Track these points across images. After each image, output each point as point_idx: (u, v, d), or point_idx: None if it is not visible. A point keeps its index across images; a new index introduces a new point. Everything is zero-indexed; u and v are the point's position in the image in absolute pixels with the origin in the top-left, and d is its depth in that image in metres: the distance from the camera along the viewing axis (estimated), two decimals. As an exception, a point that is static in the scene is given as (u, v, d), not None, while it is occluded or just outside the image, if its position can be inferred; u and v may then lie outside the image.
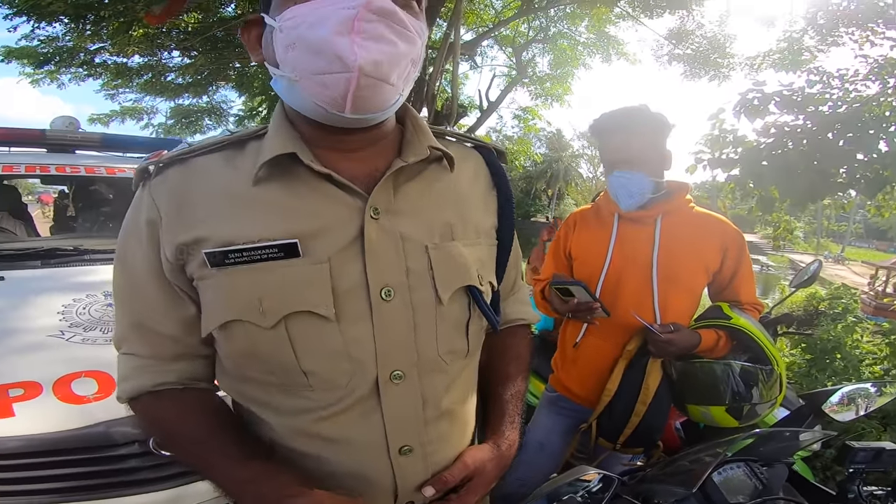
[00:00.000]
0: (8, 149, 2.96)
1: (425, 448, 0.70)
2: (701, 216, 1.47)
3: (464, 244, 0.70)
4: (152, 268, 0.66)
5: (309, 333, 0.62)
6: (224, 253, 0.61)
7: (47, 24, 6.95)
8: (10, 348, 1.47)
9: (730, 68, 8.61)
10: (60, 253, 2.03)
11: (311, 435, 0.66)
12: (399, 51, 0.58)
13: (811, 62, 4.77)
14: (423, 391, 0.68)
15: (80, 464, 1.23)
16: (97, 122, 11.32)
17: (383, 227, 0.64)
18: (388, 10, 0.56)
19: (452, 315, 0.69)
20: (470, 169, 0.76)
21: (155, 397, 0.68)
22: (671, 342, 1.35)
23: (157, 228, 0.65)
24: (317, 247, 0.62)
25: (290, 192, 0.64)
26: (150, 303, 0.67)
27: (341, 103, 0.58)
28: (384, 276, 0.64)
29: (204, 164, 0.67)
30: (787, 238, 4.90)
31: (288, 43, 0.59)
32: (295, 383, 0.64)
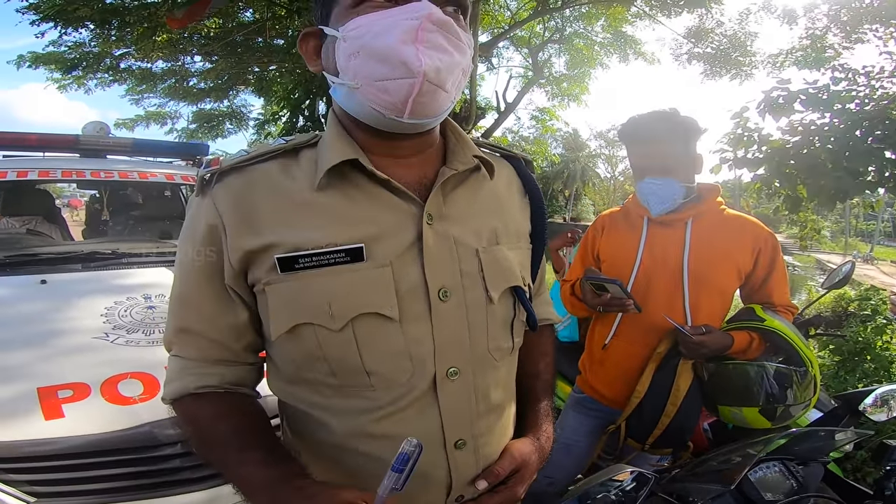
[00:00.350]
0: (42, 154, 3.08)
1: (477, 441, 0.72)
2: (733, 218, 1.47)
3: (508, 248, 0.74)
4: (207, 273, 0.68)
5: (373, 334, 0.65)
6: (294, 258, 0.64)
7: (74, 29, 7.12)
8: (57, 350, 1.53)
9: (752, 66, 8.47)
10: (99, 256, 2.10)
11: (370, 435, 0.68)
12: (454, 60, 0.62)
13: (835, 59, 4.69)
14: (476, 386, 0.71)
15: (127, 464, 1.27)
16: (123, 126, 11.61)
17: (437, 232, 0.68)
18: (446, 22, 0.61)
19: (501, 313, 0.73)
20: (504, 177, 0.80)
21: (195, 399, 0.70)
22: (703, 344, 1.35)
23: (218, 234, 0.67)
24: (379, 251, 0.65)
25: (349, 199, 0.66)
26: (202, 308, 0.70)
27: (401, 108, 0.61)
28: (441, 278, 0.67)
29: (263, 171, 0.68)
30: (815, 238, 4.81)
31: (352, 52, 0.62)
32: (357, 384, 0.67)
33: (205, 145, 3.72)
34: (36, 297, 1.78)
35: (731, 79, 8.85)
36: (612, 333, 1.54)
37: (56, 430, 1.25)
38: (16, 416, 1.27)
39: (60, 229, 2.81)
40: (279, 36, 8.73)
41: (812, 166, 3.60)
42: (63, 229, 2.88)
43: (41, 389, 1.34)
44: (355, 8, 0.62)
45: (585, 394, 1.65)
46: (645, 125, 1.45)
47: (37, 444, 1.22)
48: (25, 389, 1.34)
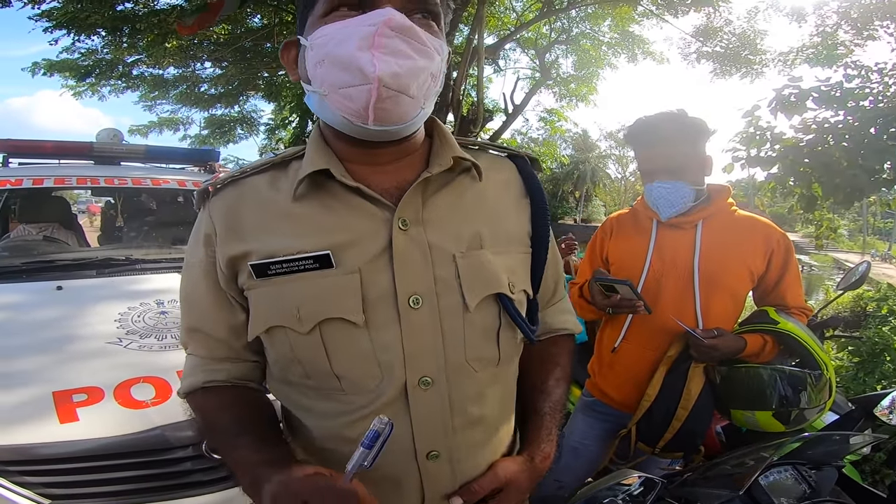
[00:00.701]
0: (58, 161, 3.14)
1: (452, 454, 0.70)
2: (744, 219, 1.45)
3: (493, 252, 0.71)
4: (208, 278, 0.73)
5: (341, 339, 0.66)
6: (266, 265, 0.67)
7: (86, 36, 7.29)
8: (72, 354, 1.56)
9: (762, 65, 8.38)
10: (114, 262, 2.14)
11: (344, 438, 0.69)
12: (417, 64, 0.61)
13: (847, 56, 4.63)
14: (452, 397, 0.69)
15: (139, 467, 1.29)
16: (137, 132, 11.80)
17: (411, 238, 0.67)
18: (406, 27, 0.60)
19: (481, 322, 0.70)
20: (502, 178, 0.78)
21: (203, 392, 0.75)
22: (715, 347, 1.33)
23: (212, 243, 0.72)
24: (348, 257, 0.66)
25: (324, 207, 0.68)
26: (205, 310, 0.75)
27: (364, 115, 0.61)
28: (412, 284, 0.66)
29: (253, 183, 0.73)
30: (831, 237, 4.72)
31: (317, 60, 0.63)
32: (329, 387, 0.69)
33: (216, 151, 3.76)
34: (52, 303, 1.82)
35: (742, 77, 8.76)
36: (622, 337, 1.53)
37: (71, 434, 1.27)
38: (32, 420, 1.29)
39: (77, 236, 2.85)
40: (287, 41, 8.83)
41: (826, 164, 3.55)
42: (79, 235, 2.93)
43: (56, 393, 1.37)
44: (324, 17, 0.64)
45: (595, 397, 1.64)
46: (652, 127, 1.43)
47: (52, 446, 1.24)
48: (41, 393, 1.37)
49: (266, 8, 8.06)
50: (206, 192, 0.75)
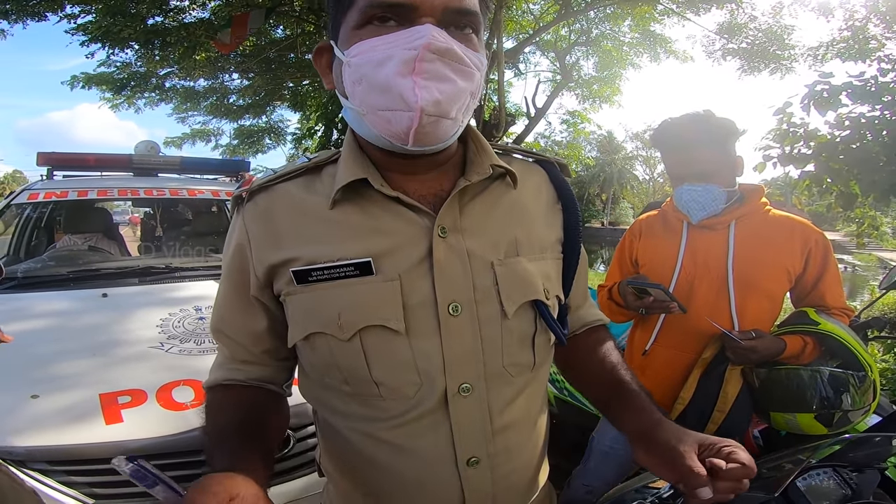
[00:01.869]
0: (99, 173, 3.29)
1: (492, 460, 0.70)
2: (779, 219, 1.42)
3: (528, 259, 0.71)
4: (234, 284, 0.74)
5: (380, 346, 0.66)
6: (308, 271, 0.66)
7: (120, 50, 7.59)
8: (117, 358, 1.63)
9: (791, 60, 8.14)
10: (154, 271, 2.23)
11: (382, 441, 0.69)
12: (458, 87, 0.60)
13: (879, 50, 4.48)
14: (490, 403, 0.69)
15: (179, 467, 1.33)
16: (172, 144, 12.23)
17: (450, 246, 0.67)
18: (446, 49, 0.58)
19: (518, 328, 0.70)
20: (533, 184, 0.78)
21: (219, 389, 0.76)
22: (754, 349, 1.30)
23: (245, 251, 0.72)
24: (388, 265, 0.66)
25: (362, 214, 0.68)
26: (226, 314, 0.77)
27: (404, 138, 0.61)
28: (452, 292, 0.66)
29: (287, 189, 0.72)
30: (873, 235, 4.53)
31: (355, 79, 0.62)
32: (367, 393, 0.68)
33: (246, 162, 3.89)
34: (98, 310, 1.91)
35: (771, 73, 8.52)
36: (653, 339, 1.51)
37: (116, 434, 1.32)
38: (80, 421, 1.35)
39: (119, 245, 2.98)
40: (309, 51, 9.01)
41: (864, 160, 3.43)
42: (121, 245, 3.06)
43: (103, 396, 1.43)
44: (359, 30, 0.61)
45: (626, 400, 1.62)
46: (680, 131, 1.40)
47: (98, 447, 1.30)
48: (89, 395, 1.43)
49: (288, 19, 8.27)
50: (240, 199, 0.74)
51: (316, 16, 7.44)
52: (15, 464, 1.24)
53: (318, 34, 8.21)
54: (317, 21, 7.61)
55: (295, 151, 12.39)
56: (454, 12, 0.60)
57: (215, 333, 0.79)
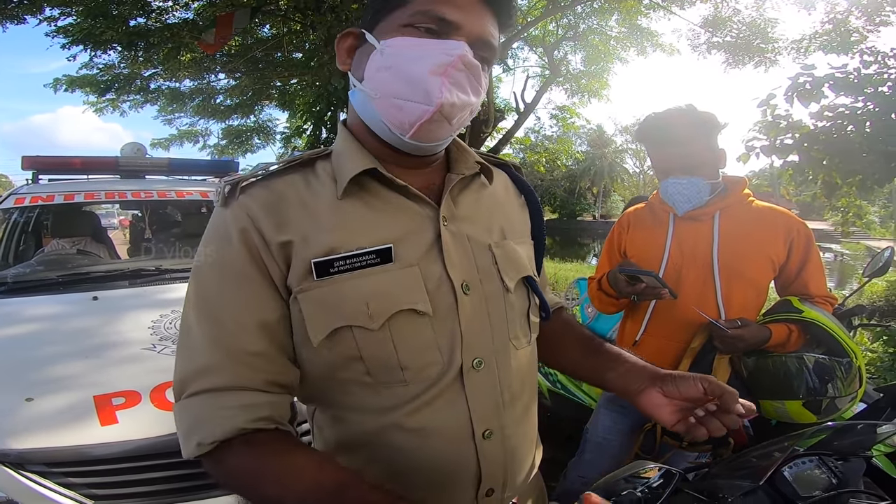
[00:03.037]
0: (86, 176, 3.25)
1: (504, 431, 0.74)
2: (762, 209, 1.45)
3: (515, 242, 0.80)
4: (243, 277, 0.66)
5: (407, 330, 0.67)
6: (330, 262, 0.65)
7: (102, 51, 7.46)
8: (110, 360, 1.62)
9: (775, 53, 8.23)
10: (145, 273, 2.22)
11: (400, 428, 0.69)
12: (469, 101, 0.67)
13: (861, 43, 4.55)
14: (500, 376, 0.73)
15: (176, 467, 1.33)
16: (159, 146, 12.09)
17: (452, 232, 0.72)
18: (474, 65, 0.66)
19: (518, 303, 0.77)
20: (501, 181, 0.86)
21: (246, 443, 0.62)
22: (740, 337, 1.33)
23: (250, 236, 0.66)
24: (404, 252, 0.68)
25: (369, 206, 0.70)
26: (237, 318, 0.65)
27: (408, 129, 0.66)
28: (462, 273, 0.71)
29: (286, 182, 0.70)
30: (858, 224, 4.60)
31: (383, 66, 0.66)
32: (391, 380, 0.68)
33: (235, 162, 3.87)
34: (89, 313, 1.90)
35: (755, 66, 8.60)
36: (643, 329, 1.53)
37: (112, 435, 1.32)
38: (76, 423, 1.35)
39: (107, 248, 2.96)
40: (297, 50, 8.95)
41: (844, 151, 3.50)
42: (110, 248, 3.03)
43: (97, 397, 1.43)
44: (402, 28, 0.67)
45: (618, 391, 1.64)
46: (664, 125, 1.44)
47: (95, 448, 1.30)
48: (83, 397, 1.43)
49: (274, 18, 8.19)
50: (230, 190, 0.69)
51: (302, 14, 7.38)
52: (12, 466, 1.24)
53: (304, 33, 8.15)
54: (303, 20, 7.55)
55: (284, 150, 12.31)
56: (483, 43, 0.68)
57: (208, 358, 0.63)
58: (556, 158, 11.92)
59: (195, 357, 0.65)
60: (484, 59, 0.69)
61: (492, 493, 0.74)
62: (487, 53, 0.69)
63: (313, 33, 7.49)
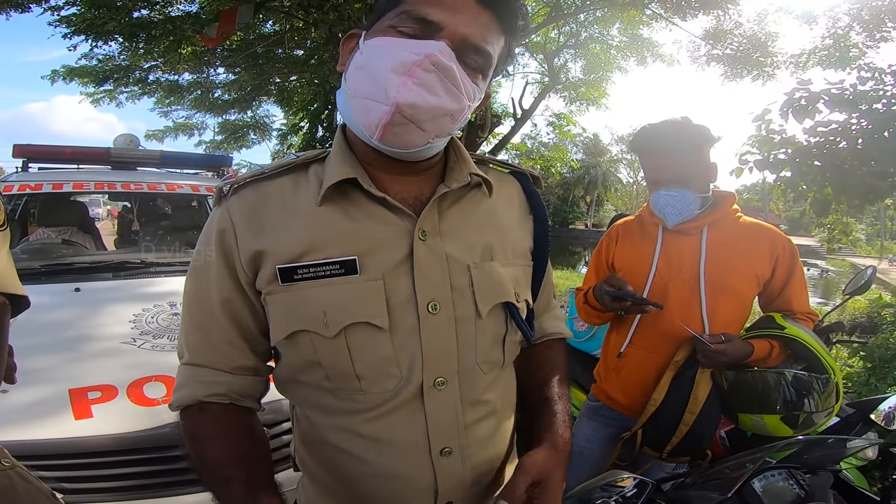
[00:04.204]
0: (76, 166, 3.23)
1: (464, 450, 0.73)
2: (749, 225, 1.46)
3: (501, 264, 0.75)
4: (221, 278, 0.71)
5: (364, 342, 0.68)
6: (294, 269, 0.67)
7: (103, 42, 7.40)
8: (88, 353, 1.60)
9: (774, 67, 8.30)
10: (129, 266, 2.20)
11: (358, 434, 0.71)
12: (441, 104, 0.63)
13: (860, 58, 4.59)
14: (463, 397, 0.72)
15: (150, 462, 1.32)
16: (153, 138, 12.02)
17: (430, 248, 0.70)
18: (447, 67, 0.62)
19: (491, 328, 0.74)
20: (506, 194, 0.82)
21: (201, 410, 0.72)
22: (723, 352, 1.33)
23: (230, 240, 0.71)
24: (372, 264, 0.68)
25: (346, 215, 0.70)
26: (215, 312, 0.72)
27: (373, 130, 0.64)
28: (431, 291, 0.69)
29: (274, 186, 0.73)
30: (843, 241, 4.64)
31: (359, 65, 0.66)
32: (348, 387, 0.70)
33: (229, 157, 3.85)
34: (70, 304, 1.87)
35: (753, 80, 8.68)
36: (628, 341, 1.53)
37: (85, 430, 1.31)
38: (49, 416, 1.33)
39: (94, 239, 2.93)
40: (298, 47, 8.93)
41: (837, 167, 3.52)
42: (96, 239, 3.01)
43: (73, 391, 1.41)
44: (387, 29, 0.66)
45: (601, 401, 1.64)
46: (657, 137, 1.44)
47: (65, 442, 1.28)
48: (58, 390, 1.41)
49: (277, 14, 8.17)
50: (223, 192, 0.74)
51: (305, 11, 7.36)
52: None
53: (306, 30, 8.13)
54: (305, 17, 7.53)
55: (280, 147, 12.27)
56: (470, 46, 0.65)
57: (192, 338, 0.74)
58: (551, 166, 11.92)
59: (184, 333, 0.76)
60: (474, 64, 0.66)
61: None
62: (479, 58, 0.66)
63: (315, 31, 7.48)
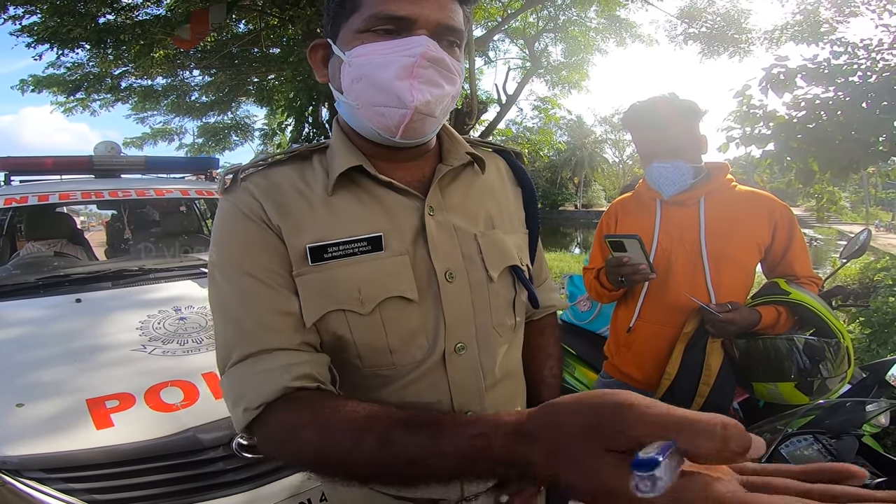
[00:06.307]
0: (59, 177, 3.15)
1: (484, 413, 0.77)
2: (745, 194, 1.48)
3: (503, 232, 0.81)
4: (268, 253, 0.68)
5: (397, 315, 0.71)
6: (324, 247, 0.68)
7: (70, 50, 7.19)
8: (99, 363, 1.58)
9: (749, 43, 8.42)
10: (128, 273, 2.16)
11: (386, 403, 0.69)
12: (445, 91, 0.68)
13: (832, 33, 4.68)
14: (482, 361, 0.77)
15: (175, 469, 1.31)
16: (132, 145, 11.75)
17: (439, 222, 0.75)
18: (439, 59, 0.67)
19: (502, 292, 0.79)
20: (496, 169, 0.87)
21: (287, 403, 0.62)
22: (731, 321, 1.36)
23: (262, 217, 0.69)
24: (393, 241, 0.72)
25: (358, 200, 0.73)
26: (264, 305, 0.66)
27: (395, 131, 0.68)
28: (446, 261, 0.74)
29: (283, 173, 0.74)
30: (832, 209, 4.76)
31: (354, 77, 0.68)
32: (380, 362, 0.72)
33: (215, 159, 3.79)
34: (73, 315, 1.84)
35: (730, 56, 8.80)
36: (636, 315, 1.55)
37: (108, 439, 1.30)
38: (70, 427, 1.32)
39: (85, 250, 2.87)
40: (274, 45, 8.78)
41: (820, 139, 3.60)
42: (87, 250, 2.95)
43: (90, 401, 1.39)
44: (360, 34, 0.67)
45: (614, 378, 1.66)
46: (647, 111, 1.47)
47: (93, 452, 1.27)
48: (75, 401, 1.39)
49: (251, 13, 8.01)
50: (235, 178, 0.73)
51: (280, 9, 7.22)
52: (10, 473, 1.21)
53: (282, 28, 8.00)
54: (280, 14, 7.39)
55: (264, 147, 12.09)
56: (445, 28, 0.68)
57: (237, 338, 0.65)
58: (539, 149, 11.95)
59: (229, 331, 0.67)
60: (452, 43, 0.70)
61: None
62: (454, 36, 0.70)
63: (292, 28, 7.36)
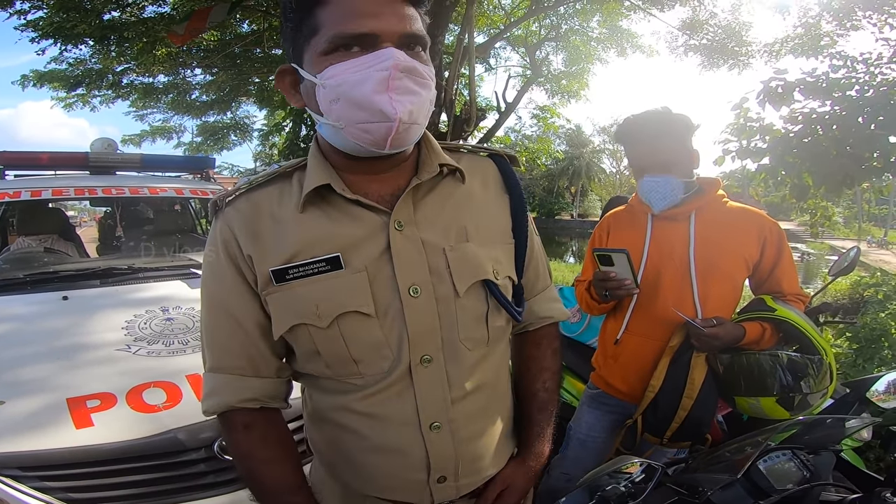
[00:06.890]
0: (54, 172, 3.14)
1: (452, 425, 0.79)
2: (735, 210, 1.49)
3: (477, 244, 0.80)
4: (237, 284, 0.78)
5: (356, 329, 0.75)
6: (285, 270, 0.75)
7: (73, 46, 7.23)
8: (83, 362, 1.57)
9: (749, 56, 8.47)
10: (117, 272, 2.15)
11: (355, 411, 0.79)
12: (422, 97, 0.70)
13: (832, 47, 4.71)
14: (449, 373, 0.78)
15: (155, 469, 1.31)
16: (130, 142, 11.74)
17: (406, 236, 0.76)
18: (411, 67, 0.68)
19: (471, 306, 0.79)
20: (481, 177, 0.87)
21: (235, 415, 0.81)
22: (715, 336, 1.36)
23: (233, 245, 0.78)
24: (355, 258, 0.75)
25: (328, 216, 0.77)
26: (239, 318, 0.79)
27: (382, 144, 0.70)
28: (411, 276, 0.75)
29: (263, 196, 0.80)
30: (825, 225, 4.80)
31: (332, 98, 0.69)
32: (347, 371, 0.78)
33: (211, 158, 3.78)
34: (59, 313, 1.83)
35: (730, 69, 8.85)
36: (624, 328, 1.56)
37: (87, 438, 1.29)
38: (49, 426, 1.31)
39: (76, 247, 2.85)
40: (277, 46, 8.80)
41: (816, 154, 3.61)
42: (78, 246, 2.93)
43: (70, 400, 1.38)
44: (327, 56, 0.68)
45: (600, 389, 1.66)
46: (640, 125, 1.48)
47: (71, 451, 1.26)
48: (55, 400, 1.38)
49: (254, 13, 8.03)
50: (217, 205, 0.81)
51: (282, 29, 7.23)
52: None
53: (284, 29, 7.99)
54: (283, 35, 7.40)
55: (262, 147, 12.11)
56: (408, 37, 0.69)
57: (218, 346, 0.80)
58: (536, 158, 11.98)
59: (207, 340, 0.82)
60: (417, 45, 0.71)
61: (444, 480, 0.81)
62: (418, 42, 0.71)
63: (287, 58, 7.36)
